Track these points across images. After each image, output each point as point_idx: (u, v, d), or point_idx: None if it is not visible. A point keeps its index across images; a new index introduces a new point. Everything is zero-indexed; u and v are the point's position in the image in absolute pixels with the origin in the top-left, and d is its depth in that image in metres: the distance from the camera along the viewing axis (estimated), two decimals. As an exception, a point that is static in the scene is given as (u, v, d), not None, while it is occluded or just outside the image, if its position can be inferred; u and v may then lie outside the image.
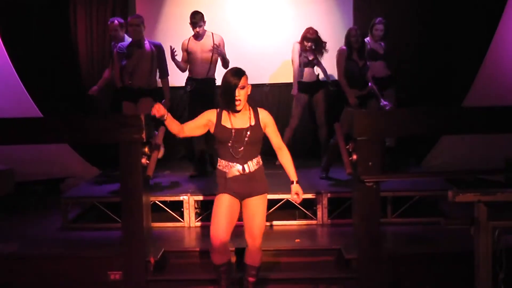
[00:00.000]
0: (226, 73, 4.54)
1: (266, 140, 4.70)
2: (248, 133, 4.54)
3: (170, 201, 6.66)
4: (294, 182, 4.73)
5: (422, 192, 6.52)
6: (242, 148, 4.55)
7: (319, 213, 6.50)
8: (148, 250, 5.41)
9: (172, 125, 4.53)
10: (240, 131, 4.54)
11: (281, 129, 8.16)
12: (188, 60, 7.65)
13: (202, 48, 7.55)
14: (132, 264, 5.23)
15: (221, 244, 4.55)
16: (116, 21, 7.54)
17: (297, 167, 4.87)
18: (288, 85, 8.35)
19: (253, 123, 4.58)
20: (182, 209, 6.60)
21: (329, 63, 7.95)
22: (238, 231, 4.89)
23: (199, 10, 7.50)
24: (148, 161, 5.24)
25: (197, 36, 7.55)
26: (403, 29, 8.84)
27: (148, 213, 5.45)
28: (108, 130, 5.12)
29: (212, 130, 4.60)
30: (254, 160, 4.62)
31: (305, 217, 6.57)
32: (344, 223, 6.23)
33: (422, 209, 6.55)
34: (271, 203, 6.50)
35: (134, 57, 7.12)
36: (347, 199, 6.30)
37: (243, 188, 4.59)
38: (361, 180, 5.01)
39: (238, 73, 4.51)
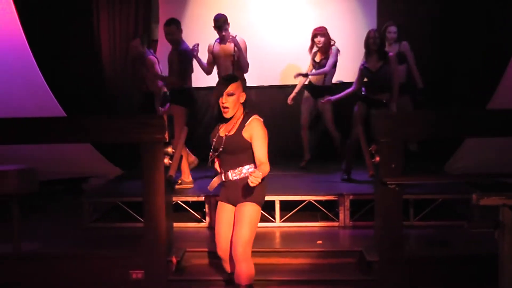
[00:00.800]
0: (219, 79, 4.58)
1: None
2: (225, 142, 4.48)
3: (192, 202, 6.69)
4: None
5: (445, 195, 6.48)
6: (223, 156, 4.55)
7: (341, 215, 6.49)
8: (170, 250, 5.44)
9: None
10: (227, 140, 4.49)
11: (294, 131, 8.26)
12: (214, 64, 7.66)
13: (225, 52, 7.55)
14: (154, 263, 5.25)
15: (225, 252, 4.60)
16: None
17: (318, 169, 4.85)
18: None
19: (232, 132, 4.48)
20: (204, 210, 6.62)
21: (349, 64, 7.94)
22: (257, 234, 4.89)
23: (222, 13, 7.48)
24: (170, 161, 5.25)
25: (222, 40, 7.54)
26: (426, 29, 8.79)
27: (170, 213, 5.46)
28: (131, 130, 5.14)
29: None
30: (237, 170, 4.52)
31: (327, 219, 6.56)
32: (366, 225, 6.21)
33: (440, 212, 6.52)
34: (292, 204, 6.53)
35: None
36: (369, 201, 6.28)
37: (231, 195, 4.57)
38: (383, 182, 4.99)
39: (227, 79, 4.48)
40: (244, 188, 4.45)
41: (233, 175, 4.53)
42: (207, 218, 6.60)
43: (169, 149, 5.22)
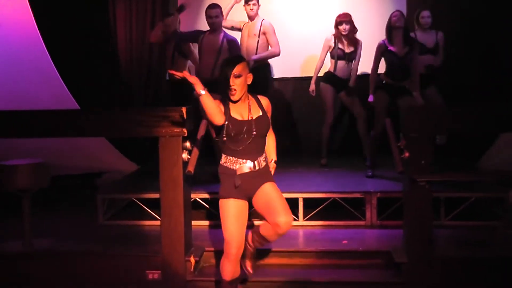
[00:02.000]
0: (223, 60, 4.55)
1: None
2: (256, 124, 4.45)
3: (211, 199, 6.72)
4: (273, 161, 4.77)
5: (478, 193, 6.44)
6: (250, 142, 4.46)
7: (367, 214, 6.49)
8: (188, 249, 5.46)
9: (210, 102, 4.34)
10: (248, 123, 4.44)
11: (318, 126, 8.25)
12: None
13: (249, 32, 7.58)
14: (171, 263, 5.28)
15: (238, 250, 4.52)
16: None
17: (343, 165, 4.84)
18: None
19: (260, 113, 4.50)
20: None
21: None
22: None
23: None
24: (189, 156, 5.26)
25: (249, 17, 7.57)
26: (454, 20, 8.73)
27: (188, 210, 5.48)
28: (148, 123, 5.18)
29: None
30: (263, 155, 4.56)
31: (352, 217, 6.56)
32: (394, 225, 6.20)
33: (475, 212, 6.48)
34: (317, 202, 6.53)
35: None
36: (397, 200, 6.28)
37: (249, 186, 4.50)
38: (413, 179, 4.98)
39: (233, 60, 4.45)
40: (266, 172, 4.59)
41: (261, 162, 4.54)
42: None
43: (188, 144, 5.24)
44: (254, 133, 4.43)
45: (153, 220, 6.53)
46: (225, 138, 4.46)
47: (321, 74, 8.19)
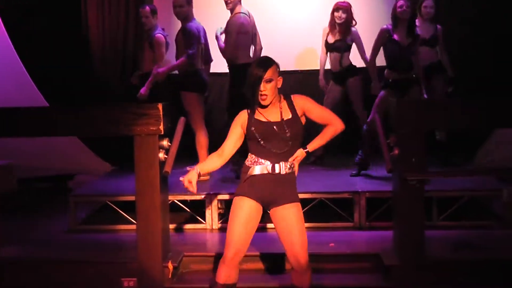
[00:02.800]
0: (252, 63, 4.50)
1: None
2: (287, 126, 4.43)
3: (191, 201, 6.72)
4: (304, 149, 4.52)
5: (472, 192, 6.50)
6: (276, 144, 4.42)
7: (356, 215, 6.52)
8: (165, 254, 5.46)
9: (208, 169, 4.66)
10: (278, 124, 4.43)
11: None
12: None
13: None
14: (148, 270, 5.28)
15: (236, 254, 4.45)
16: (147, 8, 7.76)
17: (331, 163, 4.86)
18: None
19: (290, 116, 4.46)
20: (204, 210, 6.66)
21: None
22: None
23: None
24: (166, 156, 5.27)
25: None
26: (461, 7, 8.73)
27: (166, 213, 5.49)
28: (122, 121, 5.17)
29: (245, 131, 4.51)
30: (288, 163, 4.46)
31: (340, 219, 6.59)
32: (384, 226, 6.23)
33: (471, 211, 6.54)
34: (303, 203, 6.49)
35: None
36: (387, 200, 6.31)
37: (268, 191, 4.44)
38: (403, 178, 5.01)
39: (264, 63, 4.42)
40: (291, 184, 4.51)
41: (284, 168, 4.46)
42: (207, 219, 6.63)
43: (165, 143, 5.24)
44: (288, 134, 4.41)
45: (129, 224, 6.52)
46: (250, 141, 4.50)
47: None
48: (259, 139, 4.42)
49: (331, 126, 4.51)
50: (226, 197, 6.58)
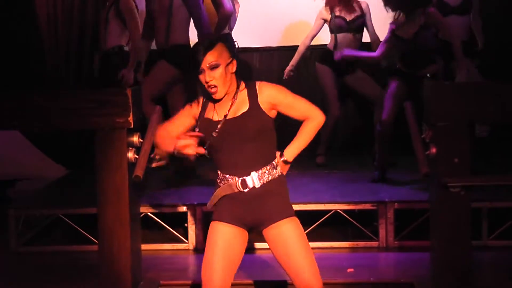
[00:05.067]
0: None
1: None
2: (235, 124, 4.31)
3: (169, 214, 6.72)
4: (282, 157, 4.39)
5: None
6: (236, 150, 4.32)
7: (381, 232, 6.54)
8: (136, 284, 5.45)
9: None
10: (231, 123, 4.32)
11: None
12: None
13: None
14: (113, 303, 5.29)
15: None
16: None
17: (347, 166, 4.85)
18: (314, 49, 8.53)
19: (246, 108, 4.34)
20: (186, 225, 6.68)
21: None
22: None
23: None
24: (137, 156, 5.25)
25: None
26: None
27: (136, 230, 5.48)
28: (80, 111, 5.14)
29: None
30: (264, 169, 4.35)
31: (361, 236, 6.60)
32: (418, 247, 6.26)
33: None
34: (313, 216, 6.56)
35: None
36: (422, 212, 6.32)
37: (247, 213, 4.35)
38: (443, 184, 5.01)
39: (207, 46, 4.33)
40: (277, 195, 4.38)
41: (257, 179, 4.33)
42: (190, 237, 6.64)
43: (135, 139, 5.22)
44: (243, 134, 4.28)
45: (88, 244, 6.53)
46: (206, 151, 4.36)
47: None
48: (215, 146, 4.34)
49: (311, 121, 4.40)
50: (213, 209, 6.57)
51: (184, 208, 6.64)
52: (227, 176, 4.34)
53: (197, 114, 4.43)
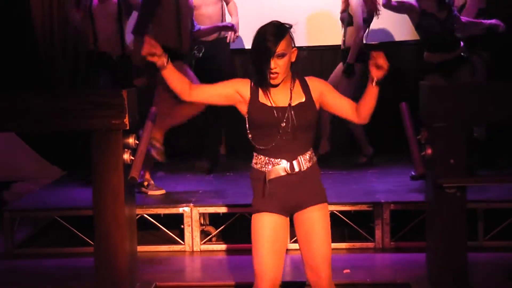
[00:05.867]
0: (259, 31, 4.39)
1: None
2: (296, 113, 4.40)
3: (165, 215, 6.74)
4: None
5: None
6: (289, 136, 4.39)
7: (377, 232, 6.55)
8: (132, 284, 5.45)
9: (174, 78, 4.40)
10: (283, 111, 4.40)
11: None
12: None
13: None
14: (109, 305, 5.29)
15: (273, 286, 4.42)
16: None
17: (343, 165, 4.87)
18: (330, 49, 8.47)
19: (303, 100, 4.44)
20: (182, 226, 6.68)
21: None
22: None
23: None
24: (133, 158, 5.25)
25: None
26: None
27: (132, 232, 5.48)
28: (76, 112, 5.14)
29: (243, 109, 4.47)
30: (307, 155, 4.48)
31: (357, 237, 6.62)
32: (414, 247, 6.27)
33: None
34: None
35: None
36: (418, 213, 6.34)
37: (291, 196, 4.45)
38: (438, 184, 5.02)
39: (277, 33, 4.34)
40: (315, 180, 4.55)
41: (304, 162, 4.46)
42: (187, 239, 6.65)
43: (131, 140, 5.23)
44: (295, 123, 4.38)
45: (84, 246, 6.52)
46: (250, 135, 4.43)
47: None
48: (267, 131, 4.40)
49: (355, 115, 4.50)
50: (211, 210, 6.60)
51: (180, 210, 6.64)
52: (275, 160, 4.42)
53: (243, 93, 4.46)
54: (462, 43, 7.46)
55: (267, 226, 4.42)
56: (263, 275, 4.39)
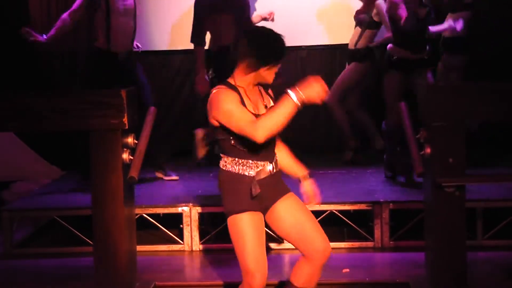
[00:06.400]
0: (275, 33, 4.50)
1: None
2: None
3: (164, 214, 6.74)
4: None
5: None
6: (270, 140, 4.44)
7: (377, 232, 6.56)
8: (131, 285, 5.46)
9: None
10: None
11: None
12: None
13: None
14: (108, 304, 5.29)
15: (264, 280, 4.47)
16: None
17: (342, 168, 4.86)
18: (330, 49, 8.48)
19: (271, 103, 4.59)
20: (181, 226, 6.69)
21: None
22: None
23: None
24: (132, 157, 5.25)
25: None
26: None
27: (131, 231, 5.48)
28: (74, 112, 5.13)
29: None
30: (276, 155, 4.66)
31: (357, 237, 6.62)
32: (413, 247, 6.28)
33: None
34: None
35: None
36: (417, 212, 6.34)
37: (268, 194, 4.56)
38: (438, 184, 5.02)
39: (282, 52, 4.49)
40: (279, 178, 4.70)
41: (277, 162, 4.66)
42: (186, 238, 6.65)
43: (130, 140, 5.23)
44: None
45: (83, 245, 6.52)
46: (233, 142, 4.48)
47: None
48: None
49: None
50: (210, 209, 6.59)
51: (179, 209, 6.64)
52: (260, 162, 4.53)
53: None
54: (428, 47, 7.50)
55: (252, 224, 4.48)
56: (257, 271, 4.44)
